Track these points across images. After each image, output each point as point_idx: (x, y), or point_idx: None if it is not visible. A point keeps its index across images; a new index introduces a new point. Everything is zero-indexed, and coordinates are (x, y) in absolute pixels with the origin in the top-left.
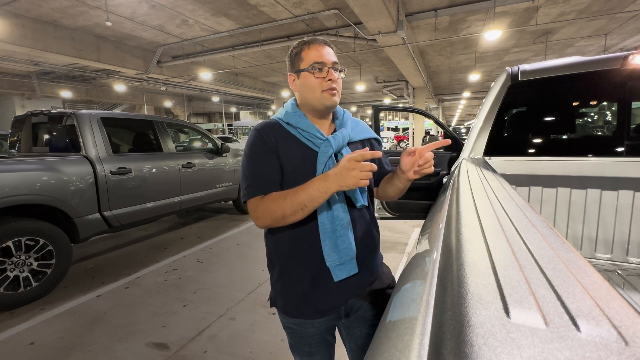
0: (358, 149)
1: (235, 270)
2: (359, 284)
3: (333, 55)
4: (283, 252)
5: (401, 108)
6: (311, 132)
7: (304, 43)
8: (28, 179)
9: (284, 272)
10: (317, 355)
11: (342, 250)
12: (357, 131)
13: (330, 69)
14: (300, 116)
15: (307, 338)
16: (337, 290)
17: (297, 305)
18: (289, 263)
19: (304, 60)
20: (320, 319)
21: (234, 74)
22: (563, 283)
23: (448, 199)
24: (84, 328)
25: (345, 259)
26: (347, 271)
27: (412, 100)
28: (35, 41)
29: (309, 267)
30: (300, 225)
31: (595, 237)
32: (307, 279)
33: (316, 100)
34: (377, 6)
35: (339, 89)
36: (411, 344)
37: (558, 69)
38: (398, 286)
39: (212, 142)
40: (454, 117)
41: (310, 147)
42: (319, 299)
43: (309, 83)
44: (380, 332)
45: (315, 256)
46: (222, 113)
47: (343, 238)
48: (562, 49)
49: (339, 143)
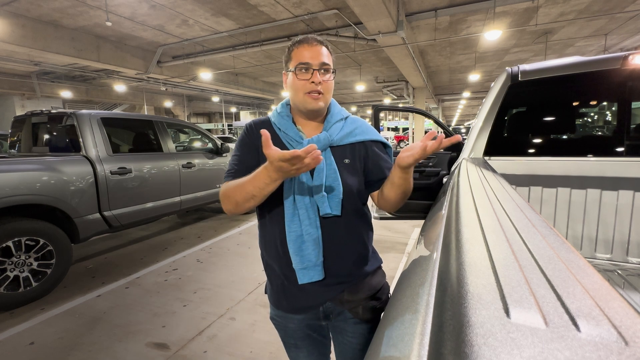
0: (344, 153)
1: (235, 270)
2: (329, 291)
3: (324, 56)
4: (263, 247)
5: (401, 108)
6: (289, 135)
7: (295, 42)
8: (28, 179)
9: (266, 266)
10: (304, 349)
11: (305, 256)
12: (348, 134)
13: (315, 70)
14: (283, 117)
15: (289, 332)
16: (308, 292)
17: (277, 298)
18: (268, 259)
19: (292, 60)
20: (297, 315)
21: (234, 74)
22: (563, 283)
23: (448, 199)
24: (84, 328)
25: (308, 265)
26: (310, 277)
27: (412, 100)
28: (35, 41)
29: (281, 266)
30: (272, 223)
31: (595, 237)
32: (282, 276)
33: (299, 102)
34: (377, 6)
35: (326, 91)
36: (411, 344)
37: (558, 69)
38: (398, 286)
39: (212, 142)
40: (454, 117)
41: (288, 149)
42: (294, 296)
43: (293, 84)
44: (380, 332)
45: (286, 256)
46: (222, 113)
47: (307, 244)
48: (562, 49)
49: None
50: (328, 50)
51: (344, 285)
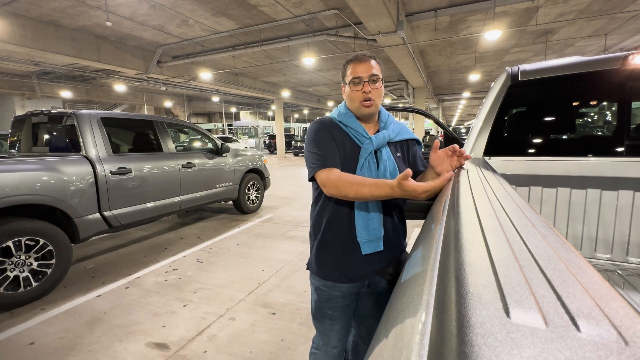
0: (396, 148)
1: (235, 270)
2: (383, 260)
3: (373, 68)
4: (323, 224)
5: (401, 108)
6: (358, 131)
7: (350, 60)
8: (28, 179)
9: (322, 241)
10: (338, 320)
11: (372, 230)
12: (398, 133)
13: (366, 82)
14: (350, 116)
15: (333, 300)
16: (364, 263)
17: (329, 270)
18: (327, 234)
19: (347, 75)
20: (347, 284)
21: (234, 74)
22: (563, 283)
23: (448, 199)
24: (84, 328)
25: (373, 238)
26: (374, 247)
27: (412, 100)
28: (35, 41)
29: (343, 240)
30: (340, 204)
31: (595, 237)
32: (340, 250)
33: (355, 109)
34: (377, 6)
35: (376, 98)
36: (411, 344)
37: (558, 69)
38: (398, 286)
39: (212, 142)
40: (454, 117)
41: (356, 143)
42: (348, 267)
43: (349, 95)
44: (381, 331)
45: (349, 231)
46: (222, 113)
47: (374, 220)
48: (562, 49)
49: (379, 142)
50: (376, 62)
51: (393, 257)
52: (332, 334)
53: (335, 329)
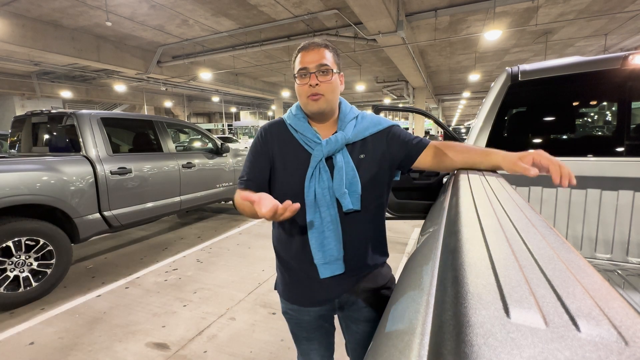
0: (361, 149)
1: (235, 270)
2: (347, 283)
3: (323, 58)
4: (281, 245)
5: (401, 108)
6: (307, 135)
7: (299, 49)
8: (28, 179)
9: (282, 262)
10: (315, 340)
11: (327, 251)
12: (363, 129)
13: (312, 73)
14: (298, 119)
15: (303, 324)
16: (327, 285)
17: (293, 293)
18: (286, 255)
19: (295, 66)
20: (314, 308)
21: (234, 74)
22: (563, 283)
23: (448, 199)
24: (84, 328)
25: (330, 259)
26: (332, 270)
27: (412, 100)
28: (35, 41)
29: (301, 262)
30: (294, 223)
31: (595, 237)
32: (300, 272)
33: (303, 105)
34: (377, 6)
35: (327, 92)
36: (411, 344)
37: (558, 69)
38: (398, 286)
39: (212, 142)
40: (454, 117)
41: (306, 150)
42: (312, 290)
43: (297, 89)
44: (380, 332)
45: (306, 253)
46: (222, 113)
47: (329, 239)
48: (562, 49)
49: (331, 148)
50: (330, 51)
51: (361, 276)
52: (312, 353)
53: (313, 348)
